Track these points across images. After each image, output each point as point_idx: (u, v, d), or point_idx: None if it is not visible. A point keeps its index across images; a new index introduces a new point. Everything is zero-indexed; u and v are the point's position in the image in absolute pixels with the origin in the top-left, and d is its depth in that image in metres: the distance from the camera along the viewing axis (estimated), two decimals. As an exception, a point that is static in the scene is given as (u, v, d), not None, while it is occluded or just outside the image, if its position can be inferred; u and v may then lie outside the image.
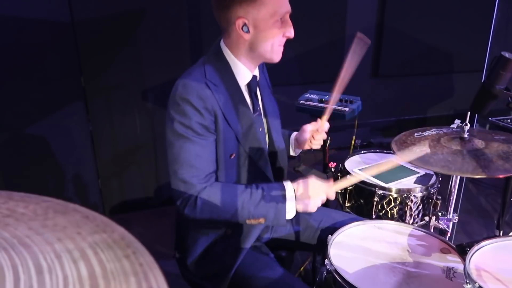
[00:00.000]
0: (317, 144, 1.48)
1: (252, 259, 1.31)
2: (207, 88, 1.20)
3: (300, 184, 1.22)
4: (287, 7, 1.21)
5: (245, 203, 1.20)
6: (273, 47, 1.22)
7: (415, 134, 1.48)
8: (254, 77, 1.33)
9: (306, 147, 1.51)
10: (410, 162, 1.35)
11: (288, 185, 1.23)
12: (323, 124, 1.45)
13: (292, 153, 1.58)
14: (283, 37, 1.23)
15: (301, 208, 1.22)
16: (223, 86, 1.24)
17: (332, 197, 1.25)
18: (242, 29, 1.19)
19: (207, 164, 1.22)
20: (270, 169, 1.38)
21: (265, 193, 1.21)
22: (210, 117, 1.21)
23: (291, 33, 1.22)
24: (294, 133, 1.57)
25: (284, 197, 1.21)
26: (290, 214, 1.22)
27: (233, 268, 1.28)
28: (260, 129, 1.37)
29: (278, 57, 1.26)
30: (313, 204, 1.22)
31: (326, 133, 1.49)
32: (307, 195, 1.20)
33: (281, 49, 1.25)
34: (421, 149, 1.32)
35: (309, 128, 1.46)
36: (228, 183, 1.26)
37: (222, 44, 1.28)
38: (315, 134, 1.45)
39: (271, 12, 1.16)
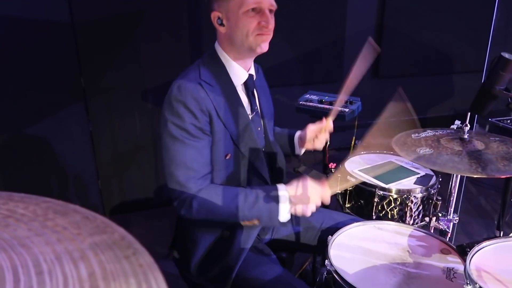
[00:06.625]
0: (319, 144, 1.47)
1: (253, 260, 1.31)
2: (202, 89, 1.21)
3: (295, 188, 1.22)
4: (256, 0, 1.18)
5: (239, 206, 1.20)
6: (249, 36, 1.20)
7: (412, 135, 1.49)
8: (251, 76, 1.33)
9: (309, 146, 1.50)
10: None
11: (282, 188, 1.23)
12: (328, 124, 1.44)
13: (297, 152, 1.57)
14: (259, 26, 1.20)
15: (297, 212, 1.23)
16: (218, 86, 1.25)
17: (327, 201, 1.25)
18: (217, 22, 1.24)
19: (202, 166, 1.23)
20: (267, 170, 1.37)
21: (260, 196, 1.21)
22: (205, 118, 1.21)
23: (266, 21, 1.19)
24: (298, 132, 1.56)
25: (277, 200, 1.21)
26: (284, 216, 1.22)
27: (235, 269, 1.28)
28: (259, 129, 1.37)
29: (259, 45, 1.22)
30: (309, 209, 1.22)
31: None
32: (303, 199, 1.20)
33: (263, 37, 1.22)
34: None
35: (314, 127, 1.46)
36: (223, 186, 1.26)
37: (216, 45, 1.31)
38: (319, 133, 1.45)
39: (238, 4, 1.18)
